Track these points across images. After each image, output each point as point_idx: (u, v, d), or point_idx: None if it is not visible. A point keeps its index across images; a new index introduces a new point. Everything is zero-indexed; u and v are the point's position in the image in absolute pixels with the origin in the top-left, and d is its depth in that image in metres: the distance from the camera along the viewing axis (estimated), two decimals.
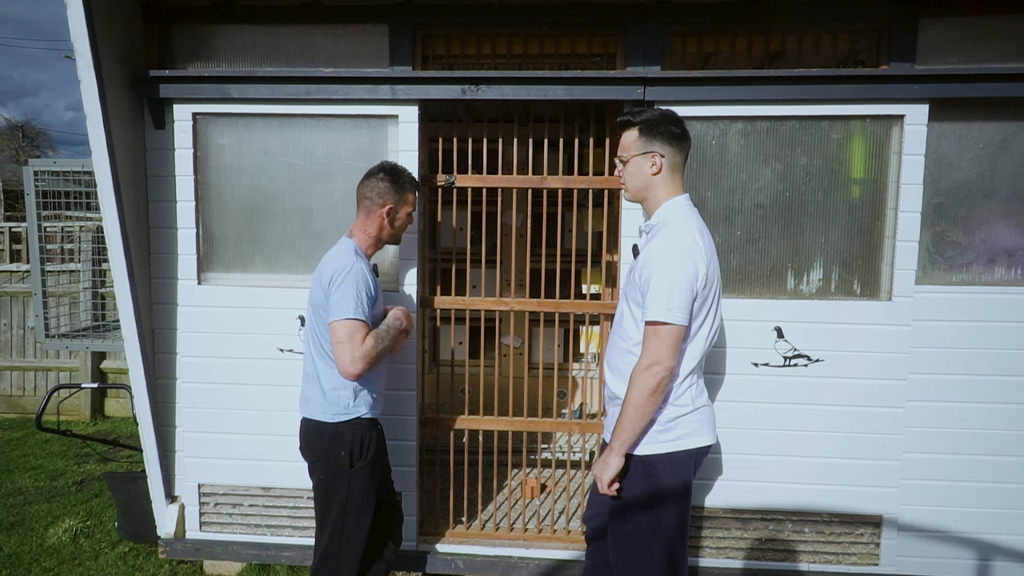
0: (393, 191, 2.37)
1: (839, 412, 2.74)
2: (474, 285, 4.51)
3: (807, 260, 2.74)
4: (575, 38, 2.94)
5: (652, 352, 1.93)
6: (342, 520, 2.31)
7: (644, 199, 2.11)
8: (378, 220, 2.38)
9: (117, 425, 5.78)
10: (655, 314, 1.91)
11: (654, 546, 2.06)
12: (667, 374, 1.93)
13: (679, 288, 1.91)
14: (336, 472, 2.30)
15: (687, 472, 2.07)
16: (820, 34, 2.83)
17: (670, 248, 1.95)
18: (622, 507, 2.09)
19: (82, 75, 2.51)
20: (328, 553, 2.32)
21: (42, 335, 3.73)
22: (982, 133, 2.66)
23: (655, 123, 2.04)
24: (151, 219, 2.92)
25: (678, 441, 2.04)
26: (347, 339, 2.18)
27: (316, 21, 2.88)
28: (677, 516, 2.07)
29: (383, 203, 2.36)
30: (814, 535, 2.83)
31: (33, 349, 6.11)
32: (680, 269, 1.92)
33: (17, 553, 3.38)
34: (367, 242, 2.40)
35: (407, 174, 2.44)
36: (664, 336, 1.92)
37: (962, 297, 2.70)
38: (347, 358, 2.18)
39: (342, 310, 2.18)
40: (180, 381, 2.99)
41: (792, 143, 2.69)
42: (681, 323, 1.92)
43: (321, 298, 2.25)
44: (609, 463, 2.03)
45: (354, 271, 2.22)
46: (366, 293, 2.23)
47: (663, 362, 1.92)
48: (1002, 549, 2.78)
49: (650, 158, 2.03)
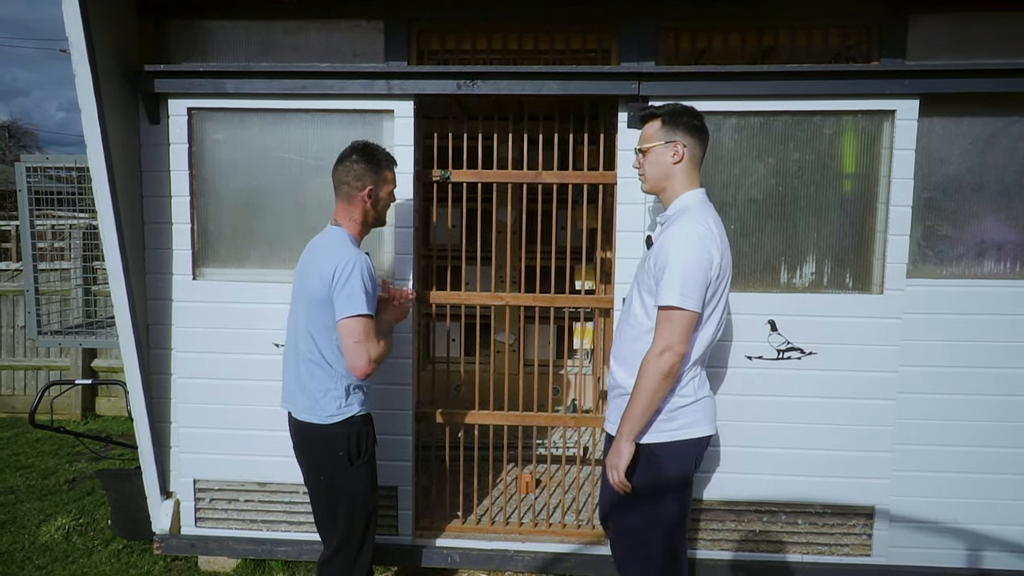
0: (370, 171, 2.26)
1: (832, 404, 2.77)
2: (468, 282, 4.52)
3: (800, 254, 2.77)
4: (569, 33, 2.96)
5: (665, 337, 1.95)
6: (351, 516, 2.30)
7: (662, 189, 2.13)
8: (360, 204, 2.28)
9: (108, 424, 5.74)
10: (669, 299, 1.93)
11: (654, 536, 2.08)
12: (679, 359, 1.95)
13: (694, 275, 1.93)
14: (337, 472, 2.27)
15: (688, 462, 2.10)
16: (812, 30, 2.86)
17: (687, 235, 1.97)
18: (623, 496, 2.11)
19: (77, 69, 2.51)
20: (341, 548, 2.33)
21: (34, 332, 3.71)
22: (971, 128, 2.70)
23: (678, 114, 2.09)
24: (146, 214, 2.92)
25: (680, 431, 2.05)
26: (365, 338, 2.11)
27: (311, 16, 2.89)
28: (677, 506, 2.09)
29: (362, 186, 2.26)
30: (807, 526, 2.86)
31: (23, 348, 6.07)
32: (696, 256, 1.94)
33: (9, 551, 3.36)
34: (355, 229, 2.30)
35: (382, 151, 2.33)
36: (677, 321, 1.94)
37: (952, 290, 2.73)
38: (365, 358, 2.12)
39: (355, 306, 2.11)
40: (175, 377, 2.99)
41: (785, 138, 2.71)
42: (694, 309, 1.94)
43: (321, 292, 2.16)
44: (621, 450, 2.03)
45: (359, 265, 2.14)
46: (372, 285, 2.17)
47: (675, 347, 1.94)
48: (993, 539, 2.82)
49: (672, 147, 2.07)
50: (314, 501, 2.37)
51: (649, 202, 2.75)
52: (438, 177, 2.92)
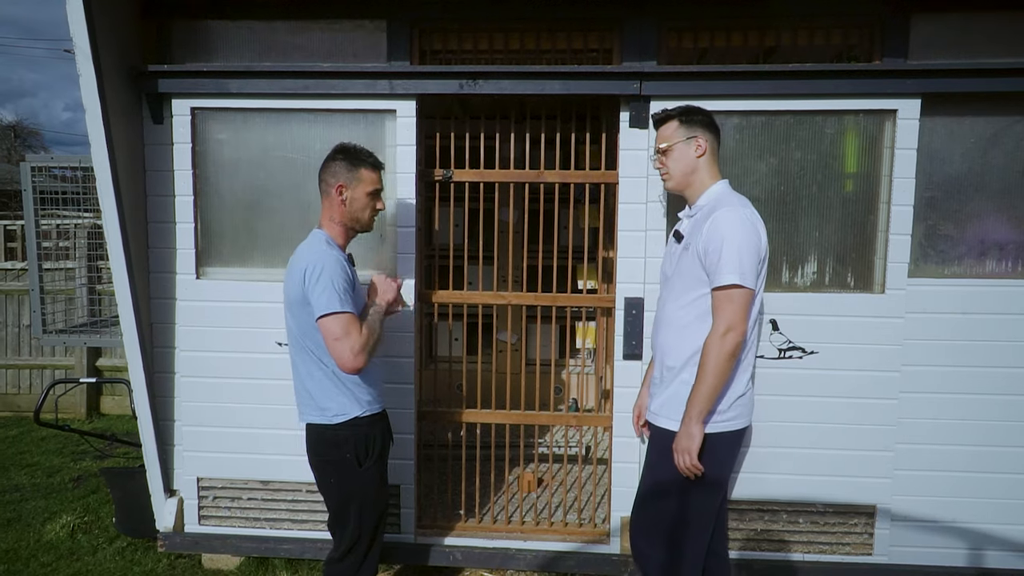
0: (345, 169, 2.23)
1: (833, 404, 2.77)
2: (470, 281, 4.52)
3: (801, 254, 2.77)
4: (571, 33, 2.96)
5: (726, 317, 1.99)
6: (360, 518, 2.31)
7: (688, 184, 2.20)
8: (335, 203, 2.25)
9: (113, 423, 5.77)
10: (728, 278, 1.97)
11: (691, 527, 2.12)
12: (741, 338, 1.99)
13: (748, 253, 1.99)
14: (346, 474, 2.27)
15: (726, 454, 2.15)
16: (814, 29, 2.86)
17: (737, 217, 2.03)
18: (660, 485, 2.14)
19: (81, 69, 2.52)
20: (351, 549, 2.33)
21: (39, 331, 3.73)
22: (973, 127, 2.70)
23: (692, 112, 2.19)
24: (149, 214, 2.93)
25: (730, 422, 2.10)
26: (343, 334, 2.10)
27: (314, 16, 2.90)
28: (715, 497, 2.14)
29: (335, 183, 2.24)
30: (808, 526, 2.86)
31: (28, 347, 6.10)
32: (748, 236, 2.00)
33: (14, 549, 3.38)
34: (334, 230, 2.28)
35: (364, 152, 2.29)
36: (737, 300, 1.98)
37: (954, 290, 2.73)
38: (348, 354, 2.10)
39: (328, 304, 2.10)
40: (179, 375, 3.00)
41: (786, 138, 2.72)
42: (752, 287, 1.99)
43: (298, 294, 2.16)
44: (693, 433, 2.03)
45: (327, 261, 2.13)
46: (344, 281, 2.15)
47: (737, 327, 1.98)
48: (995, 539, 2.81)
49: (694, 142, 2.16)
50: (326, 502, 2.37)
51: (651, 201, 2.75)
52: (440, 177, 2.93)
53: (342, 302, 2.11)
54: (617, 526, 2.92)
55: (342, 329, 2.11)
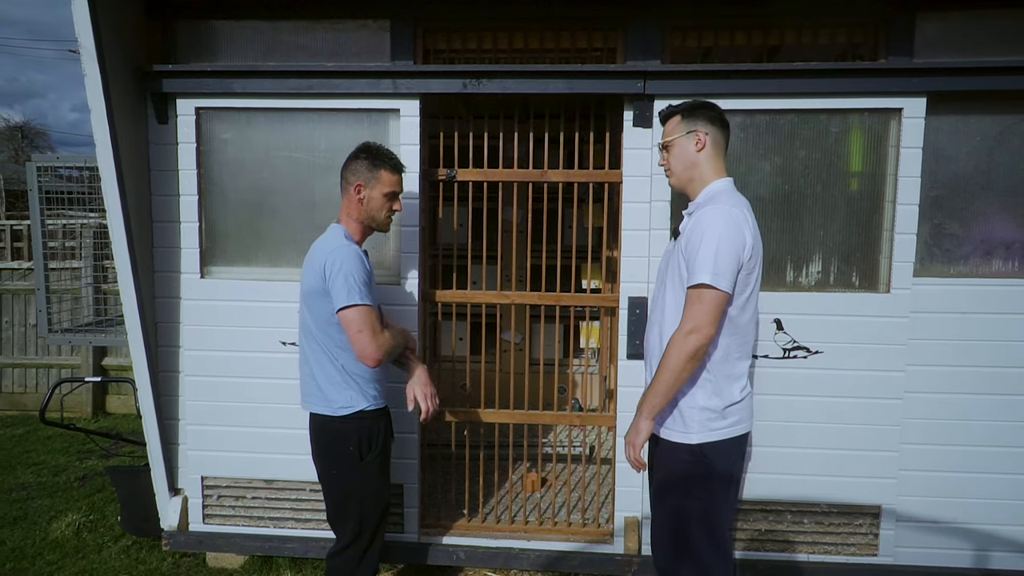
0: (365, 168, 2.28)
1: (838, 403, 2.76)
2: (474, 281, 4.52)
3: (806, 253, 2.76)
4: (575, 32, 2.96)
5: (693, 317, 1.92)
6: (361, 513, 2.33)
7: (689, 180, 2.12)
8: (354, 201, 2.30)
9: (119, 422, 5.78)
10: (701, 277, 1.91)
11: (696, 532, 2.08)
12: (706, 341, 1.92)
13: (726, 255, 1.91)
14: (348, 467, 2.29)
15: (732, 460, 2.10)
16: (818, 28, 2.84)
17: (719, 216, 1.95)
18: (667, 493, 2.11)
19: (86, 69, 2.53)
20: (352, 542, 2.35)
21: (45, 330, 3.74)
22: (979, 126, 2.68)
23: (696, 107, 2.12)
24: (154, 213, 2.94)
25: (728, 429, 2.05)
26: (366, 327, 2.15)
27: (318, 16, 2.90)
28: (720, 503, 2.09)
29: (355, 180, 2.28)
30: (813, 526, 2.85)
31: (35, 346, 6.12)
32: (727, 236, 1.92)
33: (21, 547, 3.39)
34: (352, 226, 2.33)
35: (387, 153, 2.33)
36: (707, 301, 1.91)
37: (959, 289, 2.72)
38: (371, 345, 2.15)
39: (348, 296, 2.14)
40: (183, 374, 3.01)
41: (791, 136, 2.71)
42: (725, 290, 1.91)
43: (316, 285, 2.20)
44: (641, 428, 2.02)
45: (348, 255, 2.18)
46: (365, 274, 2.20)
47: (703, 329, 1.91)
48: (1000, 539, 2.80)
49: (694, 136, 2.08)
50: (327, 495, 2.39)
51: (655, 200, 2.75)
52: (444, 176, 2.93)
53: (362, 295, 2.16)
54: (621, 526, 2.91)
55: (364, 321, 2.16)
